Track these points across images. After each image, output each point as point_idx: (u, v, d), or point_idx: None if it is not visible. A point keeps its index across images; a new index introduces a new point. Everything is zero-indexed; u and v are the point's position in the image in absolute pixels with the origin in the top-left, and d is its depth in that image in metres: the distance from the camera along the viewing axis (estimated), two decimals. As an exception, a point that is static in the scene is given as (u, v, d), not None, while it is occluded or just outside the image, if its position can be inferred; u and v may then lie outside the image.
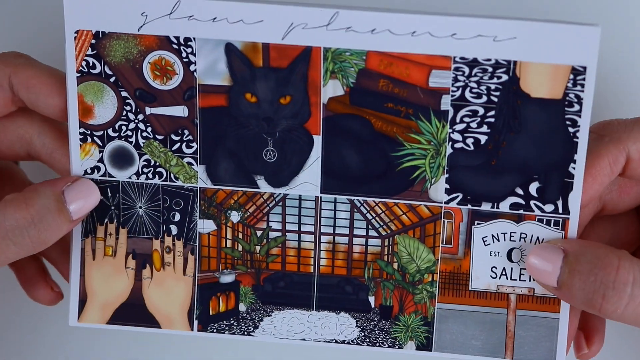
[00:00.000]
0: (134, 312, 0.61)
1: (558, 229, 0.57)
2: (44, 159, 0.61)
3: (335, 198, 0.58)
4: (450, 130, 0.56)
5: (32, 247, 0.57)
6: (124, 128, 0.59)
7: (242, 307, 0.61)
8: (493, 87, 0.55)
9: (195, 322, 0.61)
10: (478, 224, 0.58)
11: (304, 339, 0.61)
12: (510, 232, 0.58)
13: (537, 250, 0.56)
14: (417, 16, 0.54)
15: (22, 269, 0.65)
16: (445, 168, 0.57)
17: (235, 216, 0.60)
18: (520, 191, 0.57)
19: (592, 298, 0.55)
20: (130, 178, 0.59)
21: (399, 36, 0.54)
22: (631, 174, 0.57)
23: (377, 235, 0.59)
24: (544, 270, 0.56)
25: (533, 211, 0.57)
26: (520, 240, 0.58)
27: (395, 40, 0.54)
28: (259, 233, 0.60)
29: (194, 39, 0.56)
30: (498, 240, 0.58)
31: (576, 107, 0.55)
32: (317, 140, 0.57)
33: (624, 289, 0.54)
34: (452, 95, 0.56)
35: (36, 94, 0.58)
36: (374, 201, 0.58)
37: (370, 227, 0.59)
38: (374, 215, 0.59)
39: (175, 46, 0.56)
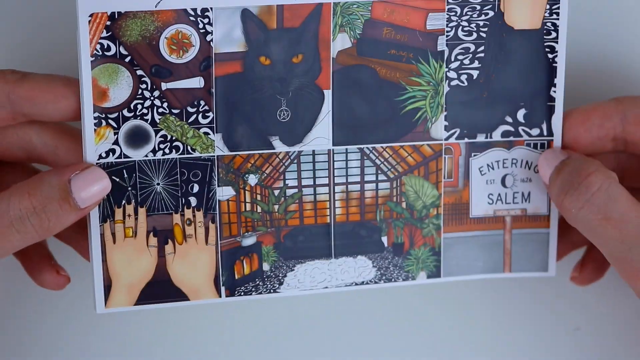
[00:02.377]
0: (160, 289, 0.58)
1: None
2: (46, 158, 0.57)
3: (347, 149, 0.58)
4: (447, 69, 0.58)
5: (37, 235, 0.54)
6: (139, 107, 0.56)
7: (265, 267, 0.59)
8: (481, 23, 0.57)
9: (223, 289, 0.59)
10: (474, 155, 0.60)
11: (326, 287, 0.60)
12: (503, 160, 0.60)
13: (546, 153, 0.58)
14: None
15: (26, 255, 0.60)
16: (444, 106, 0.58)
17: (252, 179, 0.58)
18: (509, 119, 0.59)
19: (559, 193, 0.56)
20: (146, 156, 0.56)
21: None
22: (631, 139, 0.58)
23: (386, 178, 0.59)
24: (543, 168, 0.58)
25: (522, 136, 0.60)
26: (512, 166, 0.60)
27: None
28: (276, 192, 0.59)
29: (211, 8, 0.54)
30: (493, 168, 0.60)
31: (553, 35, 0.58)
32: (328, 94, 0.57)
33: (585, 192, 0.55)
34: (447, 36, 0.57)
35: (43, 103, 0.54)
36: (381, 147, 0.59)
37: (379, 171, 0.59)
38: (383, 160, 0.59)
39: (192, 18, 0.54)
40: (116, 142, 0.56)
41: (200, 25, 0.55)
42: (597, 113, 0.59)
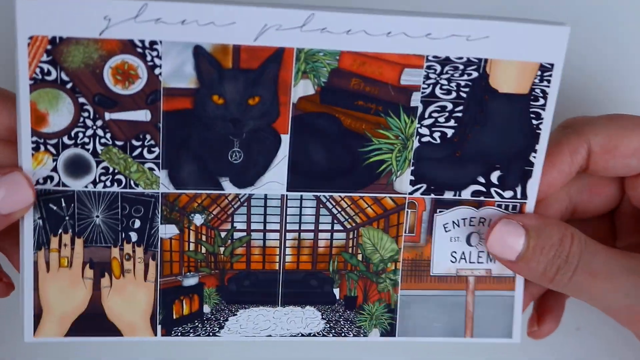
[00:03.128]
0: (93, 322, 0.54)
1: (515, 212, 0.55)
2: None
3: (301, 195, 0.53)
4: (419, 125, 0.52)
5: None
6: (80, 135, 0.51)
7: (206, 309, 0.55)
8: (463, 83, 0.51)
9: (159, 327, 0.55)
10: (440, 211, 0.54)
11: (269, 335, 0.55)
12: (470, 217, 0.55)
13: (500, 227, 0.53)
14: (393, 17, 0.49)
15: None
16: (411, 161, 0.53)
17: (198, 219, 0.53)
18: (482, 179, 0.54)
19: (548, 270, 0.53)
20: (86, 187, 0.52)
21: (374, 37, 0.49)
22: (594, 167, 0.54)
23: (342, 229, 0.54)
24: (508, 246, 0.53)
25: (493, 197, 0.54)
26: (479, 225, 0.55)
27: (370, 41, 0.49)
28: (223, 234, 0.54)
29: (161, 42, 0.49)
30: (458, 225, 0.55)
31: (541, 102, 0.52)
32: (285, 139, 0.52)
33: (573, 261, 0.52)
34: (423, 93, 0.51)
35: None
36: (339, 196, 0.54)
37: (335, 221, 0.54)
38: (340, 209, 0.54)
39: (139, 50, 0.49)
40: (55, 170, 0.51)
41: (149, 58, 0.49)
42: (565, 151, 0.54)
